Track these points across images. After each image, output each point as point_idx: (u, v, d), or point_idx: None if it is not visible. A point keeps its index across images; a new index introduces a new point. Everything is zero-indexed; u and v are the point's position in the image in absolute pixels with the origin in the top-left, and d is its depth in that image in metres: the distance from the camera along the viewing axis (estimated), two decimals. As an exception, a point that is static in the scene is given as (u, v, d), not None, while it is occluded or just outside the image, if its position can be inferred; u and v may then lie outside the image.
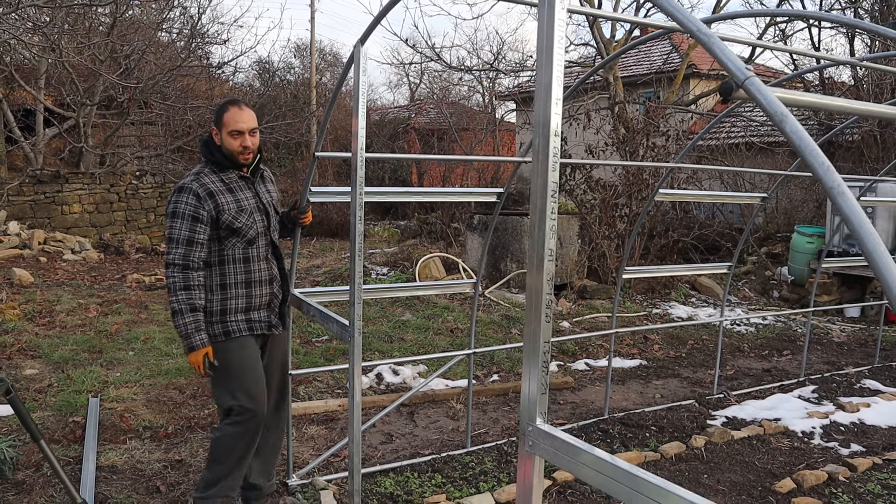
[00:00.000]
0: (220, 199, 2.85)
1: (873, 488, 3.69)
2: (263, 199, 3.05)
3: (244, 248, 2.93)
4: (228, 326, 2.92)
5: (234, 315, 2.93)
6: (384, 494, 3.46)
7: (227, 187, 2.91)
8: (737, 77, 0.97)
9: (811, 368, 6.17)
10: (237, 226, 2.88)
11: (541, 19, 1.38)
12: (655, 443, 4.25)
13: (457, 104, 21.19)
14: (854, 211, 0.84)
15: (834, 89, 11.68)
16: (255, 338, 3.02)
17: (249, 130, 2.88)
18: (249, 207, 2.95)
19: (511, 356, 6.01)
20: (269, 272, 3.03)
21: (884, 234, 8.33)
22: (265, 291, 3.00)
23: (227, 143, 2.88)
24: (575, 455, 1.41)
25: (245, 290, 2.94)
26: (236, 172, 2.95)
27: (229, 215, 2.86)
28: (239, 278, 2.93)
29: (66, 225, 12.24)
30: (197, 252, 2.82)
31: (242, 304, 2.94)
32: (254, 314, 2.98)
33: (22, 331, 6.25)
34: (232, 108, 2.89)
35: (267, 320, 3.04)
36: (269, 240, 3.05)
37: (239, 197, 2.93)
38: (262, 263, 2.99)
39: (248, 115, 2.89)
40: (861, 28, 9.69)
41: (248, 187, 2.99)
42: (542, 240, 1.43)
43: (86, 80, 12.35)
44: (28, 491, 3.38)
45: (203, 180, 2.87)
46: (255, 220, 2.95)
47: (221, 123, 2.88)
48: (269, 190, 3.14)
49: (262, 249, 3.00)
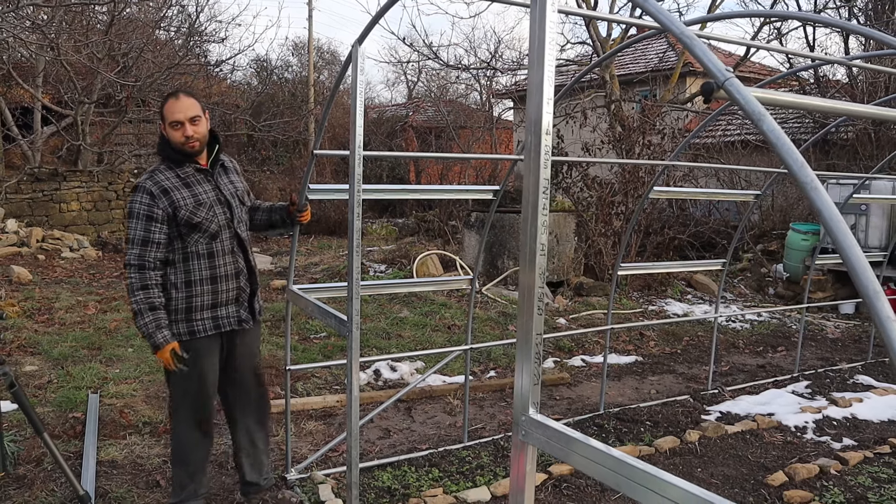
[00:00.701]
0: (174, 196, 2.81)
1: (864, 481, 3.74)
2: (225, 191, 2.98)
3: (208, 243, 2.88)
4: (194, 326, 2.88)
5: (199, 313, 2.88)
6: (382, 488, 3.51)
7: (184, 182, 2.86)
8: (717, 78, 1.01)
9: (805, 364, 6.22)
10: (196, 220, 2.83)
11: (532, 20, 1.42)
12: (650, 437, 4.30)
13: (454, 102, 21.22)
14: (826, 205, 0.88)
15: (829, 88, 11.74)
16: (223, 335, 2.99)
17: (190, 119, 2.82)
18: (209, 201, 2.89)
19: (508, 352, 6.06)
20: (235, 266, 2.97)
21: (877, 231, 8.39)
22: (232, 286, 2.95)
23: (171, 135, 2.83)
24: (567, 444, 1.46)
25: (211, 286, 2.89)
26: (193, 166, 2.90)
27: (187, 211, 2.81)
28: (204, 274, 2.88)
29: (64, 223, 12.26)
30: (152, 252, 2.79)
31: (208, 301, 2.89)
32: (221, 310, 2.94)
33: (21, 328, 6.29)
34: (169, 100, 2.84)
35: (236, 315, 2.99)
36: (234, 233, 2.98)
37: (197, 191, 2.87)
38: (227, 257, 2.93)
39: (185, 103, 2.83)
40: (849, 30, 9.75)
41: (206, 180, 2.93)
42: (534, 235, 1.48)
43: (84, 78, 12.36)
44: (29, 486, 3.42)
45: (157, 177, 2.83)
46: (215, 214, 2.89)
47: (163, 118, 2.84)
48: (233, 181, 3.07)
49: (226, 243, 2.93)
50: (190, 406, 2.97)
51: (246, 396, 3.14)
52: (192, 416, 2.98)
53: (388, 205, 18.05)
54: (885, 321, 0.83)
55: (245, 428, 3.17)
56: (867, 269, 0.85)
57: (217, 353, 2.99)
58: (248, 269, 3.04)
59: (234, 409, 3.16)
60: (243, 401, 3.14)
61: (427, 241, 11.92)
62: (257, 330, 3.21)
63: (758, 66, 16.44)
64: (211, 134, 2.97)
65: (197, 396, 2.95)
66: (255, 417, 3.18)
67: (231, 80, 19.45)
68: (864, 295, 0.85)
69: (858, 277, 0.84)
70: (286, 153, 18.71)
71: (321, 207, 14.89)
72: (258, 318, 3.14)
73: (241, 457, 3.22)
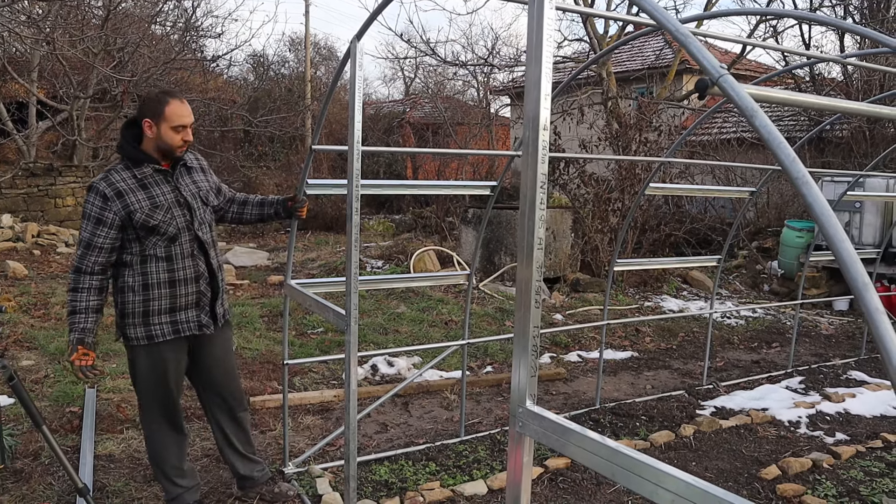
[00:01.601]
0: (129, 199, 2.71)
1: (856, 475, 3.78)
2: (185, 192, 2.86)
3: (166, 246, 2.78)
4: (152, 330, 2.81)
5: (157, 317, 2.81)
6: (379, 482, 3.53)
7: (140, 183, 2.75)
8: (711, 74, 1.03)
9: (799, 360, 6.27)
10: (153, 223, 2.73)
11: (530, 17, 1.44)
12: (645, 432, 4.34)
13: (451, 99, 21.20)
14: (817, 199, 0.90)
15: (824, 85, 11.78)
16: (185, 339, 2.91)
17: (190, 124, 2.80)
18: (166, 203, 2.78)
19: (505, 348, 6.09)
20: (196, 269, 2.86)
21: (871, 228, 8.44)
22: (191, 290, 2.85)
23: (168, 137, 2.74)
24: (563, 435, 1.48)
25: (168, 289, 2.80)
26: (151, 166, 2.78)
27: (142, 214, 2.71)
28: (162, 277, 2.79)
29: (59, 218, 12.24)
30: (93, 256, 2.72)
31: (166, 305, 2.81)
32: (181, 314, 2.85)
33: (18, 322, 6.29)
34: (173, 101, 2.74)
35: (196, 320, 2.89)
36: (195, 235, 2.87)
37: (153, 193, 2.76)
38: (187, 261, 2.83)
39: (188, 108, 2.80)
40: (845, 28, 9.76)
41: (165, 181, 2.82)
42: (531, 229, 1.50)
43: (79, 72, 12.32)
44: (27, 479, 3.44)
45: (111, 178, 2.72)
46: (174, 216, 2.79)
47: (162, 117, 2.71)
48: (196, 180, 2.95)
49: (186, 246, 2.83)
50: (157, 409, 2.95)
51: (217, 398, 3.11)
52: (158, 418, 2.97)
53: (384, 201, 18.05)
54: (873, 313, 0.86)
55: (220, 427, 3.17)
56: (857, 262, 0.87)
57: (181, 356, 2.93)
58: (210, 272, 2.93)
59: (209, 409, 3.16)
60: (216, 402, 3.12)
61: (424, 238, 11.94)
62: (226, 331, 3.11)
63: (754, 63, 16.48)
64: None
65: (162, 399, 2.93)
66: (228, 417, 3.16)
67: (228, 75, 19.43)
68: (854, 287, 0.87)
69: (848, 270, 0.86)
70: (283, 149, 18.69)
71: (318, 203, 14.89)
72: (220, 322, 3.02)
73: (225, 453, 3.24)
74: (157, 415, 2.97)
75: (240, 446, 3.22)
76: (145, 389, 2.93)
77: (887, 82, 10.31)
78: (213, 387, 3.10)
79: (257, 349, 5.77)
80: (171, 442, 3.03)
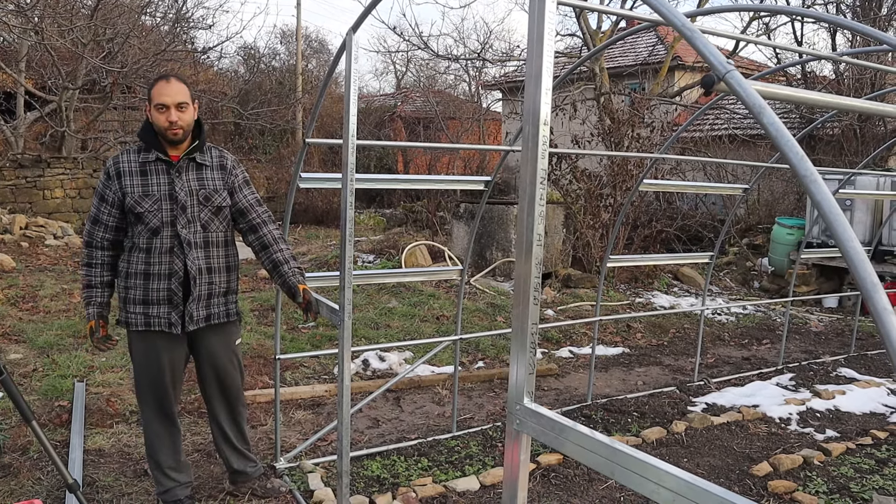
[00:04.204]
0: (125, 181, 2.76)
1: (846, 472, 3.81)
2: (179, 187, 2.79)
3: (148, 238, 2.77)
4: (128, 318, 2.85)
5: (132, 306, 2.82)
6: (371, 477, 3.52)
7: (142, 169, 2.79)
8: (718, 71, 1.02)
9: (789, 357, 6.30)
10: (139, 211, 2.75)
11: (531, 10, 1.42)
12: (637, 428, 4.34)
13: (443, 93, 21.18)
14: (825, 198, 0.89)
15: (816, 83, 11.83)
16: (162, 334, 2.85)
17: (176, 105, 2.73)
18: (158, 194, 2.76)
19: (496, 343, 6.09)
20: (170, 267, 2.79)
21: (861, 227, 8.49)
22: (163, 286, 2.80)
23: (154, 118, 2.75)
24: (560, 432, 1.47)
25: (143, 281, 2.80)
26: (157, 154, 2.78)
27: (132, 199, 2.75)
28: (139, 268, 2.80)
29: (47, 210, 12.12)
30: (100, 232, 2.82)
31: (139, 296, 2.81)
32: (153, 308, 2.81)
33: (5, 315, 6.22)
34: (160, 81, 2.77)
35: (167, 318, 2.81)
36: (175, 232, 2.78)
37: (150, 181, 2.77)
38: (163, 256, 2.78)
39: (175, 88, 2.74)
40: (839, 25, 9.82)
41: (166, 172, 2.80)
42: (531, 225, 1.48)
43: (68, 63, 12.18)
44: (15, 474, 3.40)
45: (119, 158, 2.82)
46: (160, 209, 2.76)
47: (150, 98, 2.77)
48: (204, 177, 2.87)
49: (166, 241, 2.78)
50: (150, 398, 2.97)
51: (215, 392, 3.11)
52: (152, 407, 2.98)
53: (376, 195, 18.01)
54: (881, 313, 0.85)
55: (216, 421, 3.18)
56: (865, 262, 0.86)
57: (176, 346, 2.91)
58: (186, 272, 2.81)
59: (207, 403, 3.17)
60: (212, 396, 3.13)
61: (415, 232, 11.91)
62: (228, 328, 3.05)
63: (746, 61, 16.54)
64: (197, 125, 2.87)
65: (152, 385, 2.94)
66: (224, 412, 3.16)
67: (218, 67, 19.28)
68: (863, 288, 0.86)
69: (857, 270, 0.85)
70: (273, 142, 18.59)
71: (308, 197, 14.83)
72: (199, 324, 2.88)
73: (220, 447, 3.24)
74: (150, 402, 2.98)
75: (235, 441, 3.22)
76: (137, 374, 2.98)
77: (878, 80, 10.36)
78: (211, 381, 3.10)
79: (248, 343, 5.73)
80: (164, 433, 3.03)
